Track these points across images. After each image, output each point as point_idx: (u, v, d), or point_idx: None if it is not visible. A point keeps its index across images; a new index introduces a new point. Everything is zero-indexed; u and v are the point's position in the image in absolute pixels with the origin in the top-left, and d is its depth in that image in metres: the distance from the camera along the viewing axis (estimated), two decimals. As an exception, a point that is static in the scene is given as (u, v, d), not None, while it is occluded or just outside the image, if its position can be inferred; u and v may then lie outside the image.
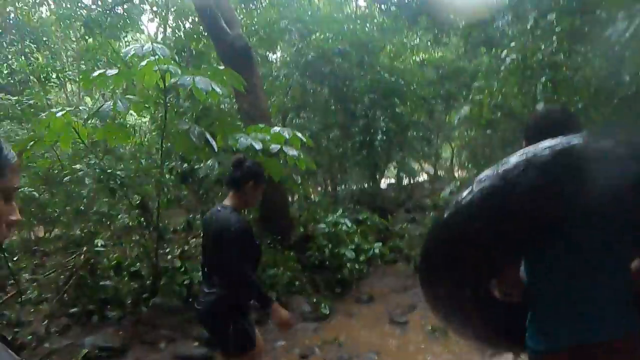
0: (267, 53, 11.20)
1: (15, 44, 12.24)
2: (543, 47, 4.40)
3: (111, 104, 4.72)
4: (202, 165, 5.76)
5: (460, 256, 1.49)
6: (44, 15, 13.11)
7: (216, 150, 4.99)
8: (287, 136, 5.50)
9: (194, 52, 7.90)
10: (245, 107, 7.17)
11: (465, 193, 1.44)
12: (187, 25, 8.59)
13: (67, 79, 11.96)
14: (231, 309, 2.46)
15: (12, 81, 12.22)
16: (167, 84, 5.00)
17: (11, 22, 13.05)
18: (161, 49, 4.92)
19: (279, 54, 11.53)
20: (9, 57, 12.05)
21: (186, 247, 6.43)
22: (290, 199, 8.65)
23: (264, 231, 7.17)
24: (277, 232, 7.01)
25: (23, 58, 12.29)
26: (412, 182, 19.46)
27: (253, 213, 7.79)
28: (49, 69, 10.89)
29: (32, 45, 12.38)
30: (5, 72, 12.35)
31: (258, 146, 5.19)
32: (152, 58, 4.87)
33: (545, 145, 1.36)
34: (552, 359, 1.49)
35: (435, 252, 1.59)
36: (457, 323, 1.74)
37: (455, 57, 11.80)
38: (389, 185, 18.88)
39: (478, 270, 1.52)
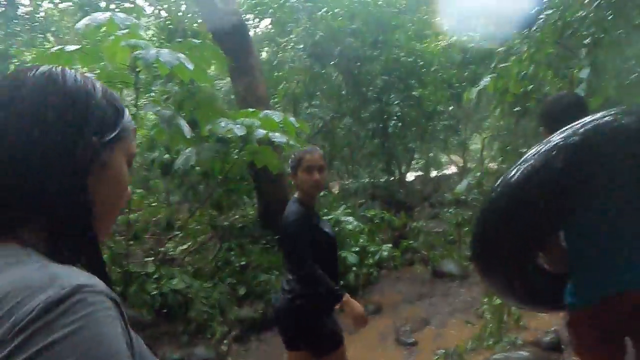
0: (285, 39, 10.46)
1: (22, 34, 11.93)
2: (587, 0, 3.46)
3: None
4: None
5: (510, 228, 1.64)
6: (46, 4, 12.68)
7: (188, 137, 4.26)
8: (278, 120, 4.74)
9: (188, 32, 7.20)
10: (241, 91, 6.43)
11: (513, 171, 1.61)
12: (182, 3, 7.89)
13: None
14: (311, 306, 2.25)
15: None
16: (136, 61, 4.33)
17: (25, 14, 12.75)
18: (124, 18, 4.20)
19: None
20: (15, 46, 11.71)
21: (171, 250, 5.75)
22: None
23: (263, 230, 6.46)
24: (277, 231, 6.26)
25: (33, 49, 11.91)
26: (439, 174, 18.44)
27: (253, 210, 7.10)
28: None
29: (40, 35, 12.04)
30: (17, 63, 12.05)
31: (240, 132, 4.43)
32: (121, 32, 4.19)
33: (580, 124, 1.56)
34: (600, 307, 1.62)
35: (487, 225, 1.72)
36: (506, 289, 1.87)
37: (483, 40, 10.75)
38: (417, 177, 17.92)
39: (525, 241, 1.66)
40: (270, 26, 11.13)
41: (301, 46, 8.25)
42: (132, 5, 10.05)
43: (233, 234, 6.19)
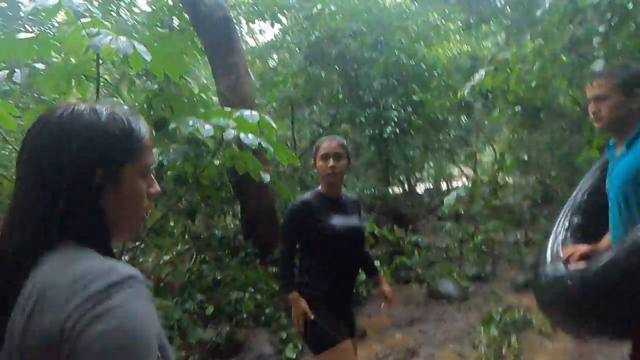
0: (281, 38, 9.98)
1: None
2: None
3: (5, 74, 3.62)
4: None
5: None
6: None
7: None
8: (252, 121, 4.26)
9: (176, 27, 6.80)
10: (224, 90, 5.98)
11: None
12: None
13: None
14: (309, 299, 2.15)
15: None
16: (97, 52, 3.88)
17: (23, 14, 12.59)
18: (76, 4, 3.76)
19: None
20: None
21: (142, 261, 5.28)
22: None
23: (246, 241, 5.96)
24: (259, 244, 5.76)
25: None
26: (449, 186, 17.81)
27: (235, 219, 6.61)
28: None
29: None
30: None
31: (206, 133, 3.95)
32: (83, 20, 3.76)
33: None
34: None
35: (605, 292, 1.55)
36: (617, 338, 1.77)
37: (495, 47, 10.20)
38: (426, 190, 17.31)
39: None
40: (278, 32, 10.72)
41: (297, 48, 7.80)
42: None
43: (211, 245, 5.71)
